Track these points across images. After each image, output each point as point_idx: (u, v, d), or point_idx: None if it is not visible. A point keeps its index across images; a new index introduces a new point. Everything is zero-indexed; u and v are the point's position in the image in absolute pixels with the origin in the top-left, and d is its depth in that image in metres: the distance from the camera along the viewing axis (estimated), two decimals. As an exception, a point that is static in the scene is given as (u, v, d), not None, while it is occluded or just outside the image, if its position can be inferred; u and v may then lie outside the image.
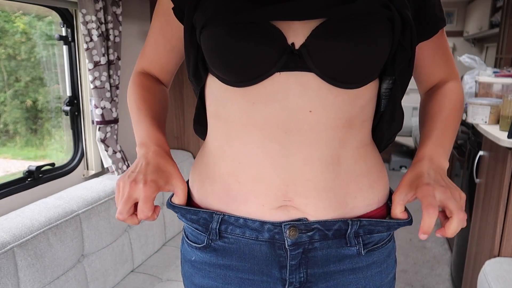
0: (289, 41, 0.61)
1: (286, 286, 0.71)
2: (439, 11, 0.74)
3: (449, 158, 0.72)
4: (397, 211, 0.68)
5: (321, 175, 0.66)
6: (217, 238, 0.71)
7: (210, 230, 0.71)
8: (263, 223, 0.68)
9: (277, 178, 0.66)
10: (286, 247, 0.68)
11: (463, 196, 0.64)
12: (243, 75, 0.63)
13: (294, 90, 0.62)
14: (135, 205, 0.65)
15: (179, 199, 0.70)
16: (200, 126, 0.79)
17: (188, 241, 0.77)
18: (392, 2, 0.63)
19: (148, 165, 0.68)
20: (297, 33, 0.61)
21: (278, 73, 0.62)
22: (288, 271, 0.70)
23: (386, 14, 0.62)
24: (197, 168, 0.76)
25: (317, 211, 0.67)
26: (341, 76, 0.62)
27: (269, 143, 0.65)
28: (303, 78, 0.62)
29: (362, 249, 0.71)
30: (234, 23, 0.62)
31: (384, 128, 0.74)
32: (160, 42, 0.80)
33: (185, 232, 0.79)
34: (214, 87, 0.69)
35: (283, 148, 0.65)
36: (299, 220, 0.67)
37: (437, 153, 0.70)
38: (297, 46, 0.61)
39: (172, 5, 0.73)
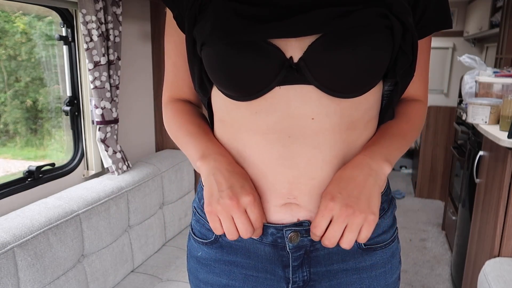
0: (287, 56, 0.61)
1: (290, 285, 0.72)
2: (438, 15, 0.70)
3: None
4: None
5: (326, 174, 0.67)
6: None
7: None
8: (266, 227, 0.69)
9: (281, 177, 0.66)
10: (288, 250, 0.70)
11: (371, 219, 0.61)
12: (244, 91, 0.64)
13: (295, 101, 0.63)
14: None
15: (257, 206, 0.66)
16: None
17: (195, 237, 0.78)
18: (391, 10, 0.62)
19: (232, 175, 0.65)
20: (294, 48, 0.61)
21: (278, 87, 0.62)
22: (291, 270, 0.71)
23: (384, 23, 0.61)
24: None
25: None
26: (340, 87, 0.62)
27: (273, 146, 0.65)
28: (303, 90, 0.62)
29: (362, 244, 0.72)
30: (232, 42, 0.62)
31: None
32: (179, 65, 0.78)
33: (192, 229, 0.80)
34: (218, 97, 0.70)
35: (287, 150, 0.65)
36: (301, 224, 0.68)
37: (381, 153, 0.66)
38: (295, 60, 0.61)
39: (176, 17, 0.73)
